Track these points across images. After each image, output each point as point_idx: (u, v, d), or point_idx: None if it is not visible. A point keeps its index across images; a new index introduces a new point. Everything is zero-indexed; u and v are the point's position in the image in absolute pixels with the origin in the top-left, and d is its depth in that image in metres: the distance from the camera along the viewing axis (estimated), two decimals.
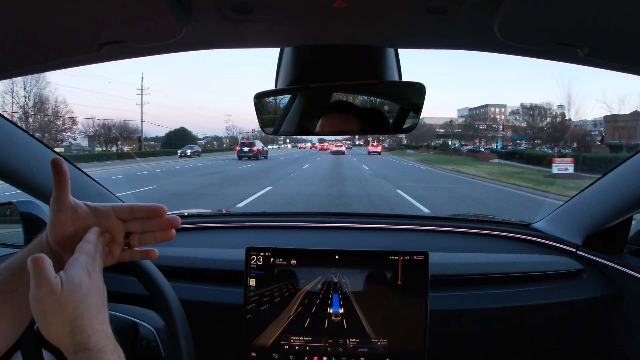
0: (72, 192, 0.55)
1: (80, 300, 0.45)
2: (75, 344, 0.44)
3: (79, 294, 0.45)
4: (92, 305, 0.46)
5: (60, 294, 0.44)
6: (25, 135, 0.89)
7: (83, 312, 0.45)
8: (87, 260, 0.49)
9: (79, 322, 0.44)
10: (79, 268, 0.47)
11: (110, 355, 0.45)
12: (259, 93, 0.73)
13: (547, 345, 1.03)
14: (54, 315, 0.44)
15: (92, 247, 0.51)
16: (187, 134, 43.76)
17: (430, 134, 52.20)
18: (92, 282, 0.48)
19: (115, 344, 0.47)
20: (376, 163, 21.49)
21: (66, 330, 0.44)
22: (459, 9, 0.50)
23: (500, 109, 49.39)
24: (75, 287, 0.45)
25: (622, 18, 0.48)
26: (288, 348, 0.85)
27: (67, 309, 0.44)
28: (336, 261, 0.86)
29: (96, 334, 0.45)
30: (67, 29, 0.52)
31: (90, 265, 0.49)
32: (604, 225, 1.02)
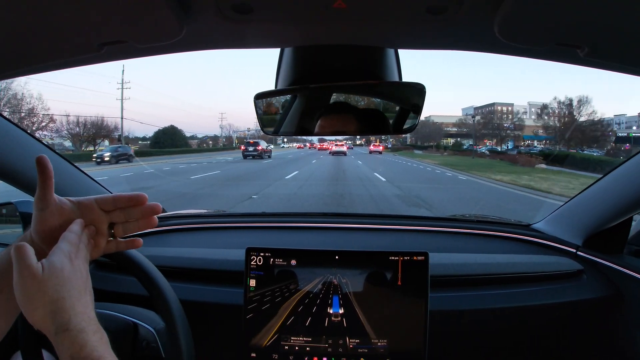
0: (70, 189, 0.55)
1: (61, 284, 0.46)
2: (57, 325, 0.45)
3: (60, 277, 0.47)
4: (73, 289, 0.47)
5: (41, 277, 0.46)
6: (25, 134, 0.89)
7: (64, 294, 0.46)
8: (69, 248, 0.50)
9: (60, 304, 0.45)
10: (60, 254, 0.49)
11: (91, 336, 0.45)
12: (259, 93, 0.73)
13: (547, 346, 1.03)
14: (35, 298, 0.45)
15: (75, 236, 0.52)
16: (176, 132, 40.78)
17: (438, 133, 49.58)
18: (74, 268, 0.49)
19: (98, 326, 0.47)
20: (389, 168, 17.22)
21: (47, 311, 0.45)
22: (459, 9, 0.50)
23: (507, 108, 46.94)
24: (56, 272, 0.47)
25: (622, 18, 0.48)
26: (288, 348, 0.85)
27: (48, 291, 0.45)
28: (336, 261, 0.86)
29: (77, 315, 0.46)
30: (67, 29, 0.52)
31: (73, 253, 0.50)
32: (604, 226, 1.02)
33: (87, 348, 0.44)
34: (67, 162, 1.03)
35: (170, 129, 39.96)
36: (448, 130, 50.39)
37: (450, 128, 50.79)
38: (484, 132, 44.07)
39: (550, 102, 37.59)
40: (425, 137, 49.23)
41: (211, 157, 27.99)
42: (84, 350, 0.44)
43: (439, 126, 50.15)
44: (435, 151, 38.88)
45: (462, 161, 22.57)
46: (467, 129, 46.85)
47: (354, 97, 0.74)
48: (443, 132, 49.89)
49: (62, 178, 1.01)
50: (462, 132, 47.93)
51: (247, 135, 54.31)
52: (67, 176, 1.03)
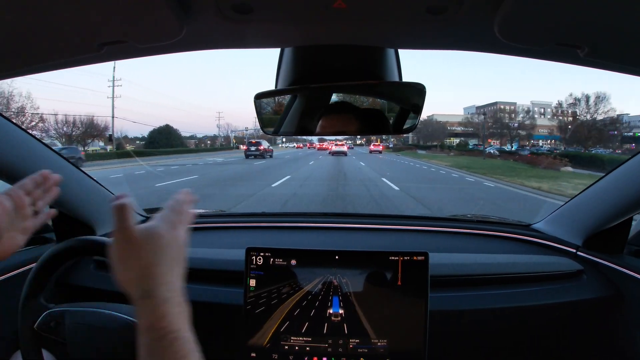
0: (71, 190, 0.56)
1: (157, 250, 0.46)
2: (142, 290, 0.45)
3: (158, 243, 0.47)
4: (167, 258, 0.47)
5: (138, 241, 0.46)
6: (25, 134, 0.89)
7: (157, 261, 0.46)
8: (172, 216, 0.50)
9: (151, 271, 0.45)
10: (161, 220, 0.49)
11: (174, 308, 0.45)
12: (259, 93, 0.73)
13: (547, 346, 1.03)
14: (128, 260, 0.46)
15: (180, 205, 0.52)
16: (172, 132, 39.52)
17: (442, 132, 47.90)
18: (174, 237, 0.49)
19: (182, 298, 0.47)
20: (396, 171, 15.19)
21: (137, 275, 0.45)
22: (459, 9, 0.50)
23: (510, 107, 45.40)
24: (154, 237, 0.47)
25: (622, 18, 0.48)
26: (288, 348, 0.85)
27: (142, 256, 0.46)
28: (336, 261, 0.86)
29: (165, 284, 0.45)
30: (67, 29, 0.52)
31: (176, 221, 0.50)
32: (604, 226, 1.02)
33: (167, 318, 0.43)
34: (67, 162, 1.03)
35: (165, 128, 38.92)
36: (453, 130, 49.02)
37: (455, 127, 49.41)
38: (492, 132, 42.19)
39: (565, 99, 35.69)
40: (428, 136, 47.79)
41: (202, 158, 26.16)
42: (164, 320, 0.43)
43: (443, 125, 48.70)
44: (440, 151, 37.29)
45: (474, 162, 20.34)
46: (473, 128, 45.56)
47: (354, 97, 0.74)
48: (447, 131, 48.49)
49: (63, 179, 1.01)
50: (467, 131, 46.60)
51: (245, 135, 53.84)
52: (67, 176, 1.03)
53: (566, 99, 36.01)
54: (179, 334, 0.43)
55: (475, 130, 45.41)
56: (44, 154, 0.94)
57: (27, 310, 0.69)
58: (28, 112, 25.21)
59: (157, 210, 0.53)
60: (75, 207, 1.05)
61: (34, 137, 0.92)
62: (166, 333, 0.43)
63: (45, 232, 1.10)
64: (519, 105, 44.47)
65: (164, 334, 0.42)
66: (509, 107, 44.91)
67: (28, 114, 25.24)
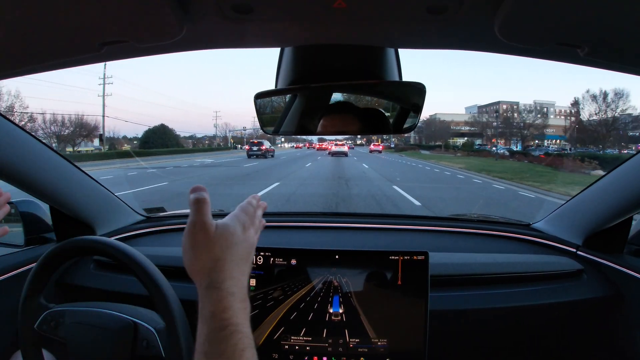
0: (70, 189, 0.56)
1: (228, 246, 0.49)
2: (210, 281, 0.47)
3: (229, 241, 0.49)
4: (237, 255, 0.50)
5: (212, 235, 0.49)
6: (25, 134, 0.89)
7: (227, 256, 0.48)
8: (244, 218, 0.54)
9: (221, 264, 0.48)
10: (235, 221, 0.52)
11: (238, 303, 0.46)
12: (259, 93, 0.73)
13: (547, 345, 1.03)
14: (200, 251, 0.48)
15: (252, 208, 0.56)
16: (167, 132, 37.82)
17: (446, 132, 46.52)
18: (245, 236, 0.52)
19: (246, 296, 0.49)
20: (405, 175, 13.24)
21: (207, 266, 0.48)
22: (459, 9, 0.50)
23: (512, 106, 44.56)
24: (227, 234, 0.50)
25: (622, 18, 0.48)
26: (288, 348, 0.85)
27: (214, 249, 0.48)
28: (336, 261, 0.86)
29: (232, 279, 0.48)
30: (67, 29, 0.52)
31: (248, 223, 0.54)
32: (604, 226, 1.02)
33: (230, 311, 0.45)
34: (68, 162, 1.02)
35: (160, 128, 37.54)
36: (458, 130, 47.73)
37: (460, 127, 47.99)
38: (500, 131, 40.49)
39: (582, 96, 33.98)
40: (430, 136, 46.59)
41: (192, 159, 23.98)
42: (227, 312, 0.45)
43: (446, 125, 47.37)
44: (444, 151, 36.12)
45: (489, 164, 18.69)
46: (478, 128, 44.29)
47: (354, 97, 0.74)
48: (450, 130, 47.21)
49: (62, 178, 1.01)
50: (472, 131, 45.35)
51: (244, 135, 53.38)
52: (67, 176, 1.03)
53: (583, 95, 34.49)
54: (239, 328, 0.44)
55: (479, 129, 44.41)
56: (44, 153, 0.94)
57: (27, 310, 0.69)
58: (17, 111, 24.70)
59: (159, 210, 0.54)
60: (75, 207, 1.05)
61: (33, 137, 0.92)
62: (228, 325, 0.44)
63: (46, 232, 1.10)
64: (522, 105, 43.84)
65: (225, 325, 0.44)
66: (512, 106, 44.17)
67: (17, 113, 24.58)
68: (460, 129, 47.94)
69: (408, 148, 42.75)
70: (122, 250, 0.68)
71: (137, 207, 1.36)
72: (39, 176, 0.93)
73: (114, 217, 1.22)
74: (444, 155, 29.58)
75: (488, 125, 43.10)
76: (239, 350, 0.43)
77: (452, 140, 46.06)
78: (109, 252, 0.68)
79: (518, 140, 40.88)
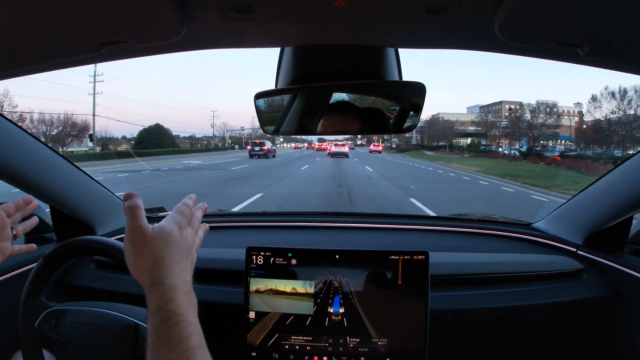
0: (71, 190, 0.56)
1: (165, 245, 0.52)
2: (153, 278, 0.49)
3: (166, 240, 0.52)
4: (176, 252, 0.52)
5: (149, 237, 0.51)
6: (25, 134, 0.89)
7: (166, 254, 0.51)
8: (180, 218, 0.56)
9: (161, 262, 0.50)
10: (171, 221, 0.55)
11: (181, 295, 0.49)
12: (259, 93, 0.73)
13: (547, 345, 1.03)
14: (140, 252, 0.51)
15: (187, 209, 0.59)
16: (162, 132, 36.74)
17: (449, 132, 44.63)
18: (182, 235, 0.55)
19: (190, 289, 0.52)
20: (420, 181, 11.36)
21: (148, 266, 0.50)
22: (459, 9, 0.50)
23: (516, 106, 42.29)
24: (163, 234, 0.52)
25: (622, 18, 0.48)
26: (288, 348, 0.85)
27: (153, 249, 0.51)
28: (336, 261, 0.86)
29: (173, 274, 0.50)
30: (67, 29, 0.52)
31: (183, 223, 0.56)
32: (605, 225, 1.02)
33: (174, 303, 0.47)
34: (68, 162, 1.03)
35: (155, 128, 36.56)
36: (463, 130, 46.10)
37: (466, 127, 46.27)
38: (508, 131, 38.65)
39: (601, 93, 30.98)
40: (433, 136, 45.13)
41: (181, 160, 22.00)
42: (171, 304, 0.47)
43: (450, 124, 45.78)
44: (449, 152, 34.89)
45: (507, 167, 16.34)
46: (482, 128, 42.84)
47: (354, 97, 0.74)
48: (454, 130, 45.57)
49: (62, 178, 1.01)
50: (478, 131, 43.92)
51: (242, 135, 52.88)
52: (67, 176, 1.03)
53: (601, 92, 31.31)
54: (184, 318, 0.47)
55: (484, 129, 43.28)
56: (43, 153, 0.94)
57: (28, 309, 0.69)
58: (6, 110, 24.15)
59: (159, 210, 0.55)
60: (75, 207, 1.05)
61: (33, 137, 0.92)
62: (172, 315, 0.46)
63: (46, 232, 1.10)
64: (525, 105, 42.21)
65: (170, 315, 0.46)
66: (514, 106, 42.89)
67: (6, 112, 23.55)
68: (466, 129, 46.47)
69: (410, 148, 41.22)
70: (123, 250, 0.68)
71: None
72: (39, 176, 0.93)
73: (114, 216, 1.22)
74: (450, 157, 28.02)
75: (494, 125, 41.96)
76: (185, 337, 0.45)
77: (456, 141, 44.74)
78: (109, 252, 0.68)
79: (523, 140, 39.54)
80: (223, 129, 55.88)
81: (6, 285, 0.90)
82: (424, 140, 46.80)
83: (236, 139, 53.51)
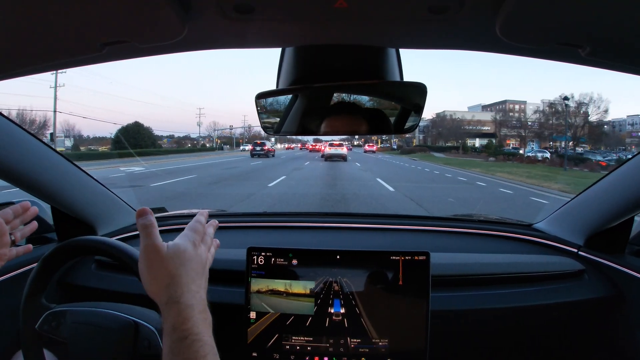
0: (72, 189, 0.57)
1: (181, 263, 0.52)
2: (169, 296, 0.50)
3: (182, 258, 0.53)
4: (191, 270, 0.53)
5: (164, 255, 0.52)
6: (26, 134, 0.89)
7: (182, 273, 0.52)
8: (193, 236, 0.57)
9: (177, 280, 0.51)
10: (185, 239, 0.55)
11: (197, 314, 0.49)
12: (260, 93, 0.73)
13: (548, 346, 1.03)
14: (156, 271, 0.51)
15: (201, 227, 0.59)
16: (141, 131, 33.31)
17: (456, 132, 40.52)
18: (196, 253, 0.55)
19: (206, 307, 0.52)
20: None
21: (164, 284, 0.51)
22: (460, 9, 0.50)
23: (520, 105, 41.51)
24: (178, 253, 0.53)
25: (623, 18, 0.48)
26: (289, 348, 0.85)
27: (169, 267, 0.51)
28: (337, 261, 0.86)
29: (189, 292, 0.51)
30: (69, 29, 0.52)
31: (197, 240, 0.57)
32: (606, 226, 1.02)
33: (190, 322, 0.48)
34: (69, 162, 1.03)
35: (133, 126, 33.40)
36: (475, 129, 42.32)
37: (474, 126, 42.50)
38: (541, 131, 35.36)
39: None
40: (439, 136, 41.85)
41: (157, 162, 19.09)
42: (187, 323, 0.47)
43: (457, 123, 41.62)
44: (462, 154, 31.31)
45: (578, 179, 12.05)
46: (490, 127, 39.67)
47: (355, 97, 0.74)
48: (462, 129, 41.21)
49: (63, 178, 1.01)
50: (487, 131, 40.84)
51: (233, 134, 51.68)
52: (67, 175, 1.03)
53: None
54: (200, 337, 0.47)
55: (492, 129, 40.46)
56: (44, 153, 0.94)
57: (28, 311, 0.69)
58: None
59: (160, 210, 0.55)
60: (76, 207, 1.05)
61: (34, 137, 0.92)
62: (188, 334, 0.46)
63: (47, 232, 1.11)
64: (529, 104, 40.75)
65: (186, 335, 0.46)
66: (518, 105, 41.52)
67: None
68: (481, 129, 42.38)
69: (416, 149, 36.85)
70: (124, 250, 0.68)
71: (139, 207, 1.36)
72: (40, 176, 0.93)
73: (115, 217, 1.22)
74: (471, 160, 21.90)
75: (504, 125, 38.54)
76: (201, 357, 0.45)
77: (470, 142, 40.63)
78: (110, 252, 0.68)
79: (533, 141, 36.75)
80: (212, 127, 53.92)
81: (7, 285, 0.90)
82: (426, 140, 44.08)
83: (227, 139, 51.52)
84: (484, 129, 42.42)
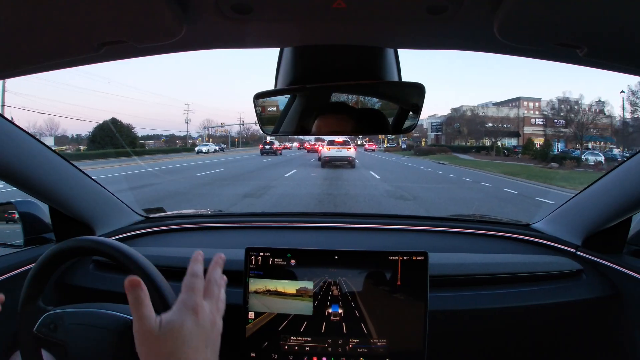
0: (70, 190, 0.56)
1: (179, 341, 0.44)
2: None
3: (179, 336, 0.44)
4: (193, 344, 0.45)
5: (157, 334, 0.44)
6: (25, 135, 0.89)
7: (181, 349, 0.44)
8: (192, 299, 0.47)
9: (176, 357, 0.44)
10: (182, 308, 0.47)
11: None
12: (259, 93, 0.73)
13: (546, 346, 1.03)
14: (151, 349, 0.44)
15: (199, 280, 0.50)
16: (119, 129, 30.39)
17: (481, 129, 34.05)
18: (198, 322, 0.46)
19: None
20: None
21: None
22: (459, 9, 0.50)
23: (534, 103, 38.02)
24: (174, 331, 0.45)
25: (621, 19, 0.48)
26: (287, 348, 0.85)
27: (165, 349, 0.44)
28: (335, 261, 0.86)
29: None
30: (66, 29, 0.52)
31: (197, 302, 0.48)
32: (604, 226, 1.02)
33: None
34: (67, 162, 1.02)
35: (110, 124, 30.47)
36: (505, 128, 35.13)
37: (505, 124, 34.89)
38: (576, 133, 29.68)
39: None
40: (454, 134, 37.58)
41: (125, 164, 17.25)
42: None
43: (480, 119, 35.57)
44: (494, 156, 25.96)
45: None
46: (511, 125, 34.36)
47: (353, 97, 0.74)
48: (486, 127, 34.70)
49: (62, 178, 1.01)
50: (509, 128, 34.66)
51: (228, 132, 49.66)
52: (66, 176, 1.02)
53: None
54: None
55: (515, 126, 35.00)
56: (42, 153, 0.94)
57: (26, 314, 0.69)
58: None
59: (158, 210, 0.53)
60: (74, 207, 1.05)
61: (33, 137, 0.92)
62: None
63: (45, 232, 1.10)
64: (544, 101, 36.95)
65: None
66: (532, 102, 38.66)
67: None
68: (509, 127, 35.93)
69: (435, 150, 30.53)
70: (122, 250, 0.68)
71: (137, 208, 1.35)
72: (38, 176, 0.92)
73: (114, 217, 1.22)
74: (523, 166, 17.51)
75: (549, 123, 32.77)
76: None
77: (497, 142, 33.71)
78: (108, 253, 0.68)
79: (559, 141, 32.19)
80: (207, 124, 51.12)
81: (6, 286, 0.90)
82: (439, 139, 39.35)
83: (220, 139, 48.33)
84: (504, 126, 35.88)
